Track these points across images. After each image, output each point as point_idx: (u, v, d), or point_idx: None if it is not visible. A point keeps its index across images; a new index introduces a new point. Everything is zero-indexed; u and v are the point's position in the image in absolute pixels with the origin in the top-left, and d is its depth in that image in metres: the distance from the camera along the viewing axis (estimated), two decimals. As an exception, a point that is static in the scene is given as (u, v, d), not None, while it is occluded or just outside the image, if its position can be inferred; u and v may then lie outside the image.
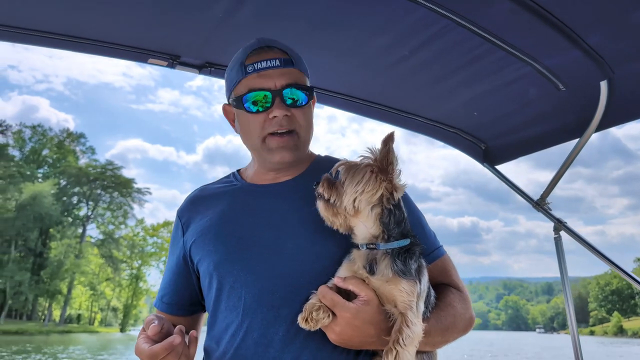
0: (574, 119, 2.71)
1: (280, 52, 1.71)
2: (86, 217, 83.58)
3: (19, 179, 76.46)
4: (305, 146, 1.76)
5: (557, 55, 2.20)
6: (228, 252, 1.65)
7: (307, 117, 1.74)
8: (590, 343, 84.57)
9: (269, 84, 1.67)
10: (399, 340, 1.41)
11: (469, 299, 1.78)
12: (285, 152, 1.70)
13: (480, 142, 3.17)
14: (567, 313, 2.84)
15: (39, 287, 72.96)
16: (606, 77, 2.31)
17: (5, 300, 69.61)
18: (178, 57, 2.43)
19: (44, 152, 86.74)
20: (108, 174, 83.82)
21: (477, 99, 2.72)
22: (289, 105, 1.68)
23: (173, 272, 1.86)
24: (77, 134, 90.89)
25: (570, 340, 2.80)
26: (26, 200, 71.65)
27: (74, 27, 2.20)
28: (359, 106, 2.91)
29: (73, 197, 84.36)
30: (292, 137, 1.70)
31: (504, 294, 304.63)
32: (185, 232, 1.81)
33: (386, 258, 1.48)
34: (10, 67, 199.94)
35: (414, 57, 2.37)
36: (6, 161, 77.57)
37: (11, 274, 68.98)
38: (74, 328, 78.65)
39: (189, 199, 1.90)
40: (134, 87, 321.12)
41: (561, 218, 2.85)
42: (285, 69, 1.69)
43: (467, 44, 2.19)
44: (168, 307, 1.86)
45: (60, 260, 74.76)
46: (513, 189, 3.10)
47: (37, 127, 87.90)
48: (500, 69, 2.38)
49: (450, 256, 1.85)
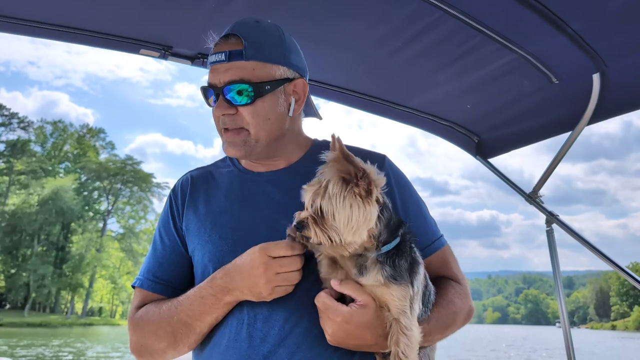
0: (567, 112, 2.68)
1: (235, 42, 1.61)
2: (107, 212, 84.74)
3: (40, 174, 77.97)
4: (259, 141, 1.65)
5: (550, 48, 2.18)
6: (223, 244, 1.62)
7: (258, 113, 1.61)
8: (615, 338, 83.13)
9: (215, 80, 1.62)
10: (399, 353, 1.40)
11: (468, 290, 1.76)
12: (232, 149, 1.66)
13: (473, 135, 3.15)
14: (559, 307, 2.84)
15: (62, 281, 74.39)
16: (599, 70, 2.29)
17: (29, 293, 71.14)
18: (170, 47, 2.41)
19: (65, 148, 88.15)
20: (128, 169, 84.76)
21: (470, 92, 2.71)
22: (233, 103, 1.61)
23: (167, 248, 1.75)
24: (96, 129, 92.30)
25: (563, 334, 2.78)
26: (48, 195, 73.01)
27: (66, 17, 2.18)
28: (351, 98, 2.89)
29: (94, 192, 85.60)
30: (239, 133, 1.64)
31: (524, 288, 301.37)
32: (181, 214, 1.75)
33: (376, 264, 1.43)
34: (30, 64, 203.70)
35: (407, 50, 2.35)
36: (28, 157, 79.04)
37: (34, 267, 70.48)
38: (95, 321, 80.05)
39: (184, 180, 1.83)
40: (152, 82, 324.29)
41: (553, 211, 2.84)
42: (230, 64, 1.59)
43: (460, 36, 2.18)
44: (159, 287, 1.71)
45: (81, 254, 76.09)
46: (506, 182, 3.08)
47: (58, 122, 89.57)
48: (493, 62, 2.37)
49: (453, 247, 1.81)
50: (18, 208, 72.65)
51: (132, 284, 1.78)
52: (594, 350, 49.27)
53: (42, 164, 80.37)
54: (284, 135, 1.72)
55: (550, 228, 2.88)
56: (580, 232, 2.70)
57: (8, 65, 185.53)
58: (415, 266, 1.48)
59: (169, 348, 1.62)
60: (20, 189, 76.14)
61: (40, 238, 74.74)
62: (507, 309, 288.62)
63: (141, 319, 1.66)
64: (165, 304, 1.62)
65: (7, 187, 75.04)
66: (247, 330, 1.52)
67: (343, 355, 1.51)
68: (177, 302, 1.59)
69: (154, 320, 1.62)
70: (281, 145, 1.73)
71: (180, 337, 1.59)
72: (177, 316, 1.57)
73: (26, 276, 71.12)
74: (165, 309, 1.60)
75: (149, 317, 1.64)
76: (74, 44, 2.42)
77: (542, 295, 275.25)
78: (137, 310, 1.70)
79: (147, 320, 1.64)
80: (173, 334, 1.59)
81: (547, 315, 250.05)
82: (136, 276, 1.78)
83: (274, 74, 1.63)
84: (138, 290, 1.75)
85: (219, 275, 1.53)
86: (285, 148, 1.75)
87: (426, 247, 1.67)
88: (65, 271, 75.32)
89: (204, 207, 1.73)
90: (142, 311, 1.67)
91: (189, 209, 1.75)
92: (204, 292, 1.55)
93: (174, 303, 1.60)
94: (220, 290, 1.52)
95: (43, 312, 77.04)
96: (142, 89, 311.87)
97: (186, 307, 1.56)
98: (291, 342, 1.49)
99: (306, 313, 1.51)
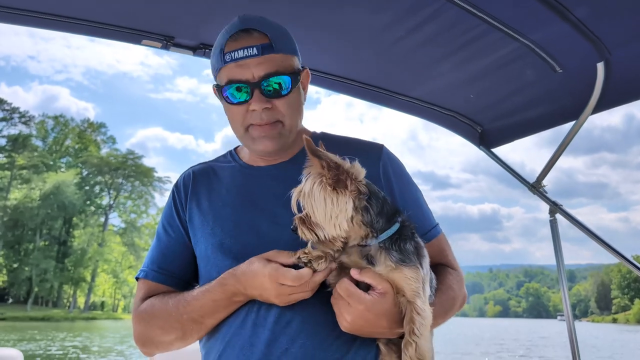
0: (570, 101, 2.67)
1: (259, 36, 1.61)
2: (108, 206, 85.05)
3: (42, 168, 78.16)
4: (291, 132, 1.70)
5: (554, 37, 2.17)
6: (225, 236, 1.64)
7: (292, 104, 1.66)
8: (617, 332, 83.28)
9: (247, 75, 1.59)
10: (414, 330, 1.41)
11: (463, 277, 1.79)
12: (268, 142, 1.66)
13: (476, 124, 3.13)
14: (563, 298, 2.82)
15: (64, 275, 74.76)
16: (603, 59, 2.27)
17: (32, 288, 71.43)
18: (172, 38, 2.40)
19: (66, 142, 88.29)
20: (129, 163, 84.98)
21: (473, 81, 2.69)
22: (270, 96, 1.61)
23: (171, 240, 1.76)
24: (97, 124, 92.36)
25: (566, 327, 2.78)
26: (50, 189, 73.22)
27: (67, 7, 2.17)
28: (353, 88, 2.88)
29: (95, 187, 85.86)
30: (275, 126, 1.65)
31: (525, 282, 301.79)
32: (185, 207, 1.77)
33: (382, 252, 1.45)
34: (30, 58, 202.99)
35: (410, 39, 2.34)
36: (30, 151, 79.18)
37: (37, 262, 70.84)
38: (98, 315, 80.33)
39: (187, 176, 1.85)
40: (152, 76, 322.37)
41: (556, 201, 2.83)
42: (263, 57, 1.59)
43: (463, 24, 2.17)
44: (163, 278, 1.73)
45: (83, 248, 76.42)
46: (509, 172, 3.07)
47: (59, 117, 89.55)
48: (496, 51, 2.35)
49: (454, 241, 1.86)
50: (20, 202, 72.87)
51: (136, 275, 1.79)
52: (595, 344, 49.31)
53: (43, 158, 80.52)
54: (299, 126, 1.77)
55: (554, 218, 2.86)
56: (584, 222, 2.68)
57: (8, 60, 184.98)
58: (420, 249, 1.50)
59: (177, 340, 1.65)
60: (22, 183, 76.35)
61: (43, 232, 74.98)
62: (509, 302, 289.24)
63: (146, 312, 1.67)
64: (170, 300, 1.63)
65: (9, 182, 75.22)
66: (251, 318, 1.55)
67: (344, 343, 1.52)
68: (185, 302, 1.60)
69: (161, 316, 1.63)
70: (290, 139, 1.75)
71: (190, 332, 1.62)
72: (187, 315, 1.58)
73: (28, 270, 71.42)
74: (172, 306, 1.61)
75: (155, 312, 1.65)
76: (75, 36, 2.42)
77: (543, 288, 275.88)
78: (142, 302, 1.71)
79: (152, 315, 1.65)
80: (182, 329, 1.61)
81: (549, 308, 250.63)
82: (139, 269, 1.80)
83: (295, 65, 1.67)
84: (142, 282, 1.76)
85: (231, 282, 1.53)
86: (287, 144, 1.77)
87: (423, 235, 1.68)
88: (68, 265, 75.67)
89: (206, 201, 1.75)
90: (146, 304, 1.68)
91: (192, 203, 1.77)
92: (215, 295, 1.55)
93: (181, 301, 1.61)
94: (233, 294, 1.54)
95: (46, 307, 77.35)
96: (142, 83, 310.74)
97: (197, 308, 1.58)
98: (291, 330, 1.50)
99: (309, 300, 1.51)
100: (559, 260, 2.86)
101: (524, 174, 3.06)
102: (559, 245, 2.89)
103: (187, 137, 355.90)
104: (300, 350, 1.48)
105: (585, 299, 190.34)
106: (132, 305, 1.84)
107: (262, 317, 1.53)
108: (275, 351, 1.49)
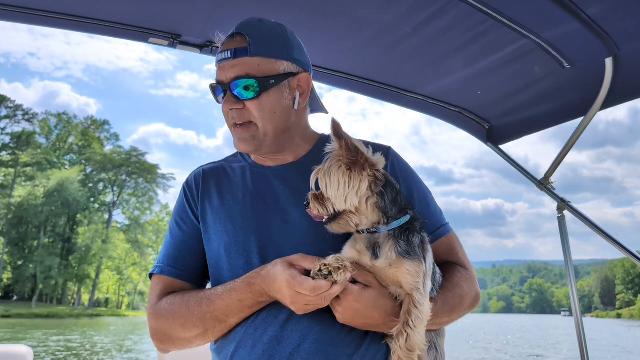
0: (578, 97, 2.66)
1: (240, 39, 1.67)
2: (112, 203, 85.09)
3: (46, 166, 78.32)
4: (267, 135, 1.71)
5: (561, 32, 2.16)
6: (238, 234, 1.67)
7: (264, 107, 1.67)
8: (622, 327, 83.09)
9: (222, 76, 1.68)
10: (409, 322, 1.43)
11: (474, 276, 1.80)
12: (242, 144, 1.72)
13: (483, 121, 3.13)
14: (571, 295, 2.82)
15: (68, 272, 74.92)
16: (611, 54, 2.27)
17: (36, 285, 71.67)
18: (179, 36, 2.42)
19: (70, 140, 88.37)
20: (132, 160, 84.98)
21: (480, 78, 2.69)
22: (240, 98, 1.67)
23: (186, 235, 1.79)
24: (101, 121, 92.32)
25: (574, 323, 2.77)
26: (54, 187, 73.31)
27: (74, 6, 2.19)
28: (359, 85, 2.88)
29: (99, 184, 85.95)
30: (248, 128, 1.70)
31: (528, 277, 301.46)
32: (197, 203, 1.81)
33: (389, 240, 1.49)
34: (30, 55, 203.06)
35: (417, 35, 2.34)
36: (33, 149, 79.26)
37: (41, 259, 70.98)
38: (102, 312, 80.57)
39: (197, 174, 1.88)
40: (152, 72, 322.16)
41: (565, 197, 2.82)
42: (236, 60, 1.65)
43: (471, 21, 2.17)
44: (178, 272, 1.76)
45: (88, 245, 76.56)
46: (517, 169, 3.07)
47: (62, 114, 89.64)
48: (504, 47, 2.35)
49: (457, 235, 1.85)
50: (24, 200, 72.98)
51: (150, 272, 1.81)
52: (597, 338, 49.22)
53: (47, 155, 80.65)
54: (290, 129, 1.77)
55: (562, 215, 2.86)
56: (592, 219, 2.67)
57: (8, 56, 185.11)
58: (425, 243, 1.55)
59: (197, 338, 1.67)
60: (26, 181, 76.49)
61: (47, 230, 75.17)
62: (512, 298, 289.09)
63: (166, 310, 1.68)
64: (192, 298, 1.65)
65: (13, 179, 75.36)
66: (261, 315, 1.58)
67: (355, 339, 1.55)
68: (209, 300, 1.61)
69: (182, 314, 1.64)
70: (288, 139, 1.78)
71: (212, 330, 1.64)
72: (211, 314, 1.60)
73: (33, 268, 71.65)
74: (195, 305, 1.62)
75: (175, 310, 1.66)
76: (74, 33, 2.42)
77: (547, 284, 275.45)
78: (159, 299, 1.72)
79: (173, 313, 1.66)
80: (204, 327, 1.63)
81: (552, 304, 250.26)
82: (153, 266, 1.82)
83: (278, 69, 1.69)
84: (157, 278, 1.78)
85: (257, 282, 1.55)
86: (292, 142, 1.81)
87: (431, 234, 1.70)
88: (72, 263, 75.85)
89: (217, 199, 1.78)
90: (165, 302, 1.69)
91: (204, 200, 1.80)
92: (241, 295, 1.57)
93: (204, 300, 1.62)
94: (259, 294, 1.55)
95: (50, 304, 77.65)
96: (143, 79, 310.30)
97: (222, 307, 1.59)
98: (303, 326, 1.53)
99: None
100: (567, 256, 2.84)
101: (528, 168, 3.06)
102: (567, 242, 2.88)
103: (189, 133, 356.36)
104: (312, 346, 1.51)
105: (589, 295, 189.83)
106: (135, 302, 1.84)
107: (273, 316, 1.56)
108: (288, 347, 1.51)
